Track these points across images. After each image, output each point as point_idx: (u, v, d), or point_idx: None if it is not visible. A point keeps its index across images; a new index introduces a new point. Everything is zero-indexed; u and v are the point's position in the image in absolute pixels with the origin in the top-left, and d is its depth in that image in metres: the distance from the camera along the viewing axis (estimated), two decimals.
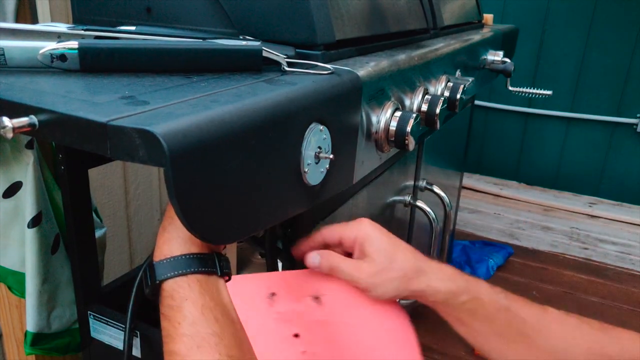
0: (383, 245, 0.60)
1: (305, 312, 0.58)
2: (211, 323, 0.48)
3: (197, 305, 0.48)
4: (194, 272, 0.50)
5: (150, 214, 1.45)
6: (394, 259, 0.59)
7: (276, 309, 0.57)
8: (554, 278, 1.94)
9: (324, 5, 0.68)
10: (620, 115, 2.29)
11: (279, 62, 0.61)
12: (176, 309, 0.48)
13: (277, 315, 0.57)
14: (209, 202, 0.43)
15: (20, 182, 0.85)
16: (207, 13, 0.70)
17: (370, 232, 0.60)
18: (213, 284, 0.51)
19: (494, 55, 1.36)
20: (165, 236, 0.52)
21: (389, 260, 0.59)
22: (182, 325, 0.47)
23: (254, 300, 0.57)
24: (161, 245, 0.52)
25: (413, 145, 0.74)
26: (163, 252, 0.51)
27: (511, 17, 2.35)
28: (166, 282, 0.49)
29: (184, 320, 0.47)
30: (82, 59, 0.53)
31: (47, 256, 0.88)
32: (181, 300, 0.48)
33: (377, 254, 0.59)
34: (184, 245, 0.51)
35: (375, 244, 0.60)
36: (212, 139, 0.42)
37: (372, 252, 0.59)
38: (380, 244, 0.60)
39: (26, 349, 0.92)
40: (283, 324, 0.57)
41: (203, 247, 0.52)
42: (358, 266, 0.60)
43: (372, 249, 0.59)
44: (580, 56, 2.29)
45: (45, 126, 0.43)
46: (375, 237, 0.60)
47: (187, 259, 0.50)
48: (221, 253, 0.54)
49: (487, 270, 1.92)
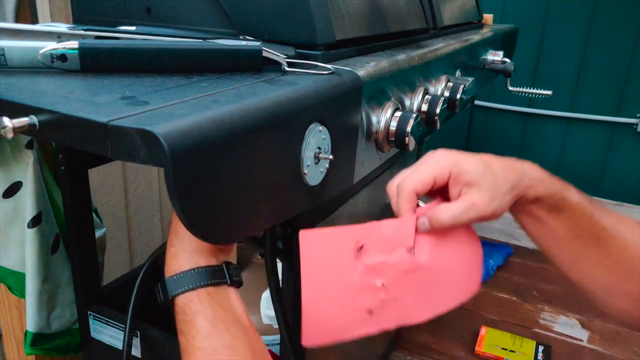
0: (479, 167, 0.53)
1: (398, 264, 0.55)
2: (223, 335, 0.48)
3: (209, 319, 0.49)
4: (203, 286, 0.50)
5: (150, 214, 1.45)
6: (496, 175, 0.53)
7: (364, 261, 0.53)
8: (554, 278, 1.94)
9: (324, 5, 0.68)
10: (620, 115, 2.29)
11: (279, 62, 0.61)
12: (189, 324, 0.49)
13: (364, 268, 0.54)
14: (209, 202, 0.43)
15: (20, 182, 0.85)
16: (207, 13, 0.70)
17: (459, 159, 0.54)
18: (223, 295, 0.52)
19: (493, 55, 1.36)
20: (172, 251, 0.53)
21: (493, 179, 0.53)
22: (196, 340, 0.48)
23: (339, 254, 0.53)
24: (169, 260, 0.52)
25: (413, 146, 0.74)
26: (172, 268, 0.52)
27: (511, 17, 2.35)
28: (178, 297, 0.50)
29: (197, 334, 0.48)
30: (83, 59, 0.53)
31: (47, 256, 0.88)
32: (193, 314, 0.49)
33: (481, 180, 0.53)
34: (191, 259, 0.51)
35: (472, 170, 0.53)
36: (213, 139, 0.42)
37: (475, 180, 0.53)
38: (476, 167, 0.53)
39: (26, 349, 0.92)
40: (368, 275, 0.54)
41: (210, 259, 0.52)
42: (471, 203, 0.53)
43: (472, 176, 0.53)
44: (580, 56, 2.29)
45: (46, 126, 0.43)
46: (466, 163, 0.53)
47: (195, 273, 0.51)
48: (230, 261, 0.54)
49: (487, 270, 1.92)
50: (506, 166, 0.54)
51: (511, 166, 0.54)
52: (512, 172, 0.54)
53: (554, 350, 1.53)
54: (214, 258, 0.53)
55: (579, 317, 1.71)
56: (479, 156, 0.55)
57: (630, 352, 1.54)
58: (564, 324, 1.67)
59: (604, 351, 1.55)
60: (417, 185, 0.54)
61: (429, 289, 0.58)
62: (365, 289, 0.55)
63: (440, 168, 0.53)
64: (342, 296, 0.54)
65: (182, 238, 0.52)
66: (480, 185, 0.52)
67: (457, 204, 0.53)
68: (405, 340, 1.54)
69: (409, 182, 0.54)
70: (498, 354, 1.48)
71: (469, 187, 0.53)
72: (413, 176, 0.54)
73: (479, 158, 0.54)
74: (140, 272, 0.76)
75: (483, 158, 0.54)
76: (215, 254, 0.53)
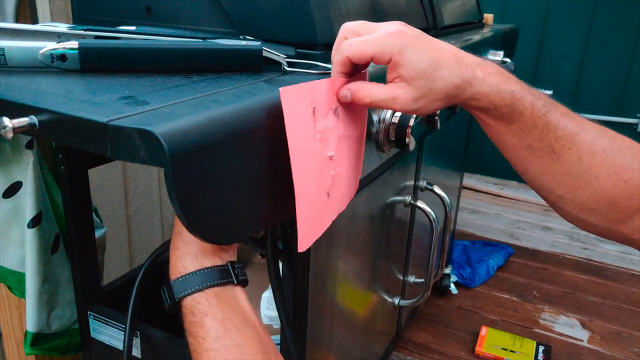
0: (421, 66, 0.51)
1: (332, 128, 0.54)
2: (234, 334, 0.48)
3: (218, 319, 0.49)
4: (210, 286, 0.50)
5: (150, 214, 1.44)
6: (435, 80, 0.51)
7: (317, 127, 0.52)
8: (554, 278, 1.94)
9: (324, 5, 0.68)
10: (620, 115, 2.29)
11: (279, 62, 0.61)
12: (198, 325, 0.49)
13: (319, 134, 0.52)
14: (209, 202, 0.43)
15: (20, 182, 0.85)
16: (207, 13, 0.70)
17: (406, 50, 0.50)
18: (231, 294, 0.51)
19: (494, 55, 1.36)
20: (177, 253, 0.52)
21: (429, 82, 0.51)
22: (207, 340, 0.48)
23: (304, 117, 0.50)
24: (174, 263, 0.52)
25: (413, 145, 0.74)
26: (177, 270, 0.52)
27: (511, 17, 2.35)
28: (185, 299, 0.50)
29: (207, 335, 0.48)
30: (82, 59, 0.53)
31: (47, 256, 0.88)
32: (202, 316, 0.49)
33: (415, 79, 0.51)
34: (196, 260, 0.51)
35: (411, 66, 0.51)
36: (212, 139, 0.42)
37: (408, 77, 0.51)
38: (417, 64, 0.51)
39: (26, 349, 0.91)
40: (323, 143, 0.53)
41: (215, 259, 0.52)
42: (394, 96, 0.52)
43: (408, 72, 0.51)
44: (580, 56, 2.29)
45: (46, 126, 0.43)
46: (411, 56, 0.50)
47: (201, 275, 0.51)
48: (234, 261, 0.54)
49: (487, 270, 1.92)
50: (454, 73, 0.52)
51: (459, 74, 0.52)
52: (454, 88, 0.52)
53: (554, 350, 1.52)
54: (219, 258, 0.53)
55: (579, 317, 1.71)
56: (431, 51, 0.52)
57: (630, 352, 1.54)
58: (564, 324, 1.67)
59: (604, 351, 1.55)
60: (354, 55, 0.52)
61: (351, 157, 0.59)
62: (324, 163, 0.54)
63: (382, 50, 0.51)
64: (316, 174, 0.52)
65: (186, 240, 0.52)
66: (412, 84, 0.51)
67: (381, 91, 0.53)
68: (406, 340, 1.54)
69: (348, 50, 0.52)
70: (498, 354, 1.48)
71: (400, 79, 0.52)
72: (355, 46, 0.52)
73: (429, 55, 0.51)
74: (140, 272, 0.76)
75: (434, 55, 0.51)
76: (220, 254, 0.53)
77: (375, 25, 0.53)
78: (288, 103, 0.46)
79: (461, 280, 1.86)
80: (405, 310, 1.39)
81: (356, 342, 1.07)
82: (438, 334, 1.58)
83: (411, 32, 0.52)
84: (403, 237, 1.21)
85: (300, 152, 0.49)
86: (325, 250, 0.79)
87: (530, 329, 1.64)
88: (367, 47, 0.51)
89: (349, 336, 1.00)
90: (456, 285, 1.84)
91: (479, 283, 1.87)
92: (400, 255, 1.23)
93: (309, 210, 0.52)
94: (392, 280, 1.21)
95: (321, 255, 0.78)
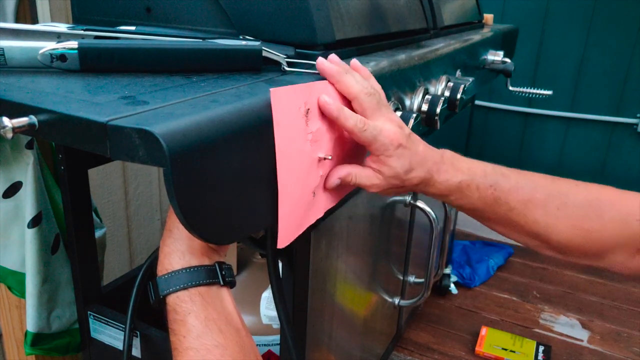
0: (400, 171, 0.57)
1: (327, 129, 0.56)
2: (215, 335, 0.48)
3: (200, 318, 0.49)
4: (194, 285, 0.50)
5: (150, 214, 1.45)
6: (406, 181, 0.59)
7: (309, 128, 0.54)
8: (554, 278, 1.94)
9: (324, 5, 0.68)
10: (620, 115, 2.29)
11: (279, 62, 0.61)
12: (180, 323, 0.49)
13: (310, 135, 0.54)
14: (208, 202, 0.43)
15: (20, 182, 0.85)
16: (207, 13, 0.70)
17: (395, 156, 0.57)
18: (216, 295, 0.51)
19: (494, 55, 1.36)
20: (166, 250, 0.52)
21: (401, 182, 0.59)
22: (187, 339, 0.48)
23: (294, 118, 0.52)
24: (162, 259, 0.52)
25: None
26: (165, 267, 0.52)
27: (511, 17, 2.35)
28: (169, 296, 0.50)
29: (188, 333, 0.48)
30: (82, 59, 0.53)
31: (47, 256, 0.88)
32: (184, 314, 0.49)
33: (392, 179, 0.58)
34: (184, 258, 0.51)
35: (394, 170, 0.57)
36: (212, 139, 0.42)
37: (387, 175, 0.58)
38: (399, 169, 0.57)
39: (26, 349, 0.92)
40: (314, 144, 0.54)
41: (203, 259, 0.52)
42: (371, 183, 0.59)
43: (389, 172, 0.58)
44: (580, 56, 2.29)
45: (45, 126, 0.43)
46: (396, 163, 0.57)
47: (187, 273, 0.51)
48: (223, 261, 0.54)
49: (487, 270, 1.92)
50: (420, 178, 0.59)
51: (424, 178, 0.59)
52: (418, 183, 0.60)
53: (554, 350, 1.53)
54: (207, 258, 0.53)
55: (579, 317, 1.71)
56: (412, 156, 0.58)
57: (630, 352, 1.54)
58: (564, 324, 1.67)
59: (604, 351, 1.55)
60: (350, 129, 0.55)
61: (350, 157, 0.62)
62: (313, 163, 0.55)
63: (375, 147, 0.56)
64: (302, 174, 0.53)
65: (176, 237, 0.52)
66: (387, 180, 0.58)
67: (364, 177, 0.58)
68: (406, 340, 1.54)
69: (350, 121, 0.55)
70: (498, 354, 1.48)
71: (379, 173, 0.58)
72: (357, 125, 0.55)
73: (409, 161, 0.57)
74: (140, 272, 0.76)
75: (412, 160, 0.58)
76: (208, 254, 0.53)
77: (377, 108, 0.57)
78: (277, 103, 0.48)
79: (461, 280, 1.86)
80: (405, 310, 1.39)
81: (356, 342, 1.07)
82: (438, 334, 1.58)
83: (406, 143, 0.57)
84: (403, 237, 1.21)
85: (287, 152, 0.50)
86: (325, 250, 0.79)
87: (530, 329, 1.64)
88: (365, 135, 0.55)
89: (348, 336, 1.00)
90: (456, 285, 1.84)
91: (479, 283, 1.87)
92: (400, 255, 1.23)
93: (292, 208, 0.53)
94: (392, 280, 1.21)
95: (321, 255, 0.78)
